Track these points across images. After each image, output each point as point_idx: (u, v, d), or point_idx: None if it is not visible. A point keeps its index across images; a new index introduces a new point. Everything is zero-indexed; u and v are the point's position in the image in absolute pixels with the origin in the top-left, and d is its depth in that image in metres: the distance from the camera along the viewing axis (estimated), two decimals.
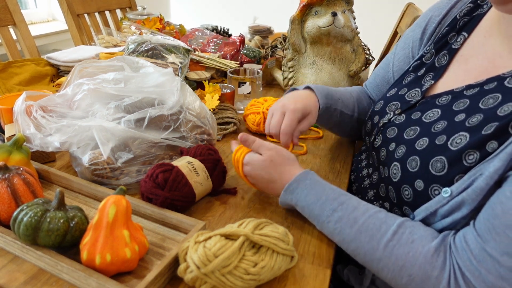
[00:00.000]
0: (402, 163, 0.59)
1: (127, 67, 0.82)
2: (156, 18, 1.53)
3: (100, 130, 0.65)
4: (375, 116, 0.73)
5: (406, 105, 0.67)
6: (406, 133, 0.62)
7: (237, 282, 0.47)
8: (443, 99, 0.61)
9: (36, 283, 0.50)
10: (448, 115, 0.58)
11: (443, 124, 0.57)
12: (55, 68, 1.19)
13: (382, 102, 0.74)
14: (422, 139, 0.58)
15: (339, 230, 0.56)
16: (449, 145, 0.53)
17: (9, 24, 1.34)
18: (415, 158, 0.57)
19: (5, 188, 0.55)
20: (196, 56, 1.20)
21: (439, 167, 0.53)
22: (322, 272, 0.54)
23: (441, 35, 0.70)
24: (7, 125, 0.78)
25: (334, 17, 1.00)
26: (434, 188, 0.54)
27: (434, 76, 0.67)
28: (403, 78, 0.74)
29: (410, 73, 0.73)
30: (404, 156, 0.59)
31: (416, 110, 0.65)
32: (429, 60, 0.70)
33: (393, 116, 0.68)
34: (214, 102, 0.95)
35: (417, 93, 0.67)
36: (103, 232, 0.49)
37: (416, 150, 0.57)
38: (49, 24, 2.38)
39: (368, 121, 0.75)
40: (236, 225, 0.52)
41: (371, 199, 0.69)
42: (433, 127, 0.58)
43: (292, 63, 1.13)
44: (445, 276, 0.49)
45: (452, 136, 0.54)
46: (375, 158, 0.70)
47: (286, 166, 0.64)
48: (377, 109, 0.74)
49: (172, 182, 0.61)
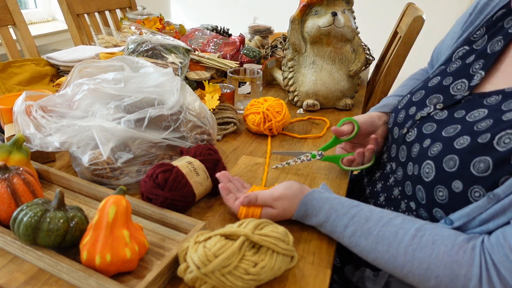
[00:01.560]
0: (437, 161, 0.54)
1: (127, 67, 0.82)
2: (156, 18, 1.53)
3: (100, 130, 0.65)
4: (411, 106, 0.66)
5: (450, 101, 0.61)
6: (445, 131, 0.57)
7: (237, 282, 0.47)
8: (492, 99, 0.56)
9: (36, 283, 0.50)
10: (495, 115, 0.53)
11: (488, 123, 0.52)
12: (55, 68, 1.19)
13: (422, 92, 0.67)
14: (463, 137, 0.53)
15: (355, 244, 0.55)
16: (495, 145, 0.49)
17: (9, 24, 1.34)
18: (453, 157, 0.52)
19: (5, 188, 0.54)
20: (196, 56, 1.20)
21: (482, 167, 0.49)
22: (322, 272, 0.54)
23: (496, 18, 0.63)
24: (7, 125, 0.78)
25: (334, 17, 1.00)
26: (475, 190, 0.50)
27: (485, 64, 0.60)
28: (448, 64, 0.67)
29: (456, 60, 0.66)
30: (440, 154, 0.55)
31: (460, 108, 0.59)
32: (479, 46, 0.63)
33: (433, 110, 0.62)
34: (214, 102, 0.95)
35: (464, 86, 0.61)
36: (103, 232, 0.49)
37: (455, 148, 0.53)
38: (49, 24, 2.38)
39: (401, 110, 0.69)
40: (236, 225, 0.52)
41: (397, 198, 0.66)
42: (476, 125, 0.53)
43: (292, 63, 1.13)
44: (474, 273, 0.47)
45: (498, 135, 0.49)
46: (404, 152, 0.64)
47: (296, 199, 0.61)
48: (415, 99, 0.67)
49: (172, 182, 0.61)
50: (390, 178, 0.69)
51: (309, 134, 0.96)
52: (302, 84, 1.11)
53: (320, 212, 0.58)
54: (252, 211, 0.60)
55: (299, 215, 0.60)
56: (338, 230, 0.57)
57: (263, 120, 0.91)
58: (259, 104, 0.94)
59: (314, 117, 1.06)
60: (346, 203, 0.58)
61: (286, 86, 1.16)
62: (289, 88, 1.14)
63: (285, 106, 0.94)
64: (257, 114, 0.92)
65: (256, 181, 0.76)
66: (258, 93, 1.09)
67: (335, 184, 0.75)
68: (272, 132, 0.93)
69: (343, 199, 0.59)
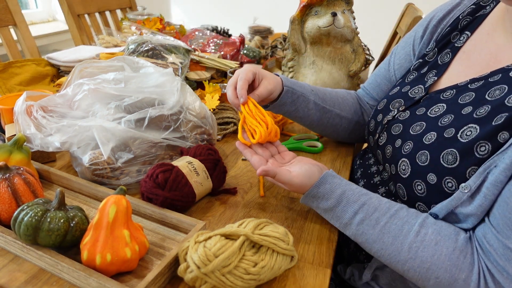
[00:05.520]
0: (411, 158, 0.58)
1: (127, 67, 0.82)
2: (156, 18, 1.53)
3: (100, 130, 0.65)
4: (378, 114, 0.73)
5: (410, 102, 0.67)
6: (412, 129, 0.61)
7: (237, 282, 0.47)
8: (448, 94, 0.61)
9: (37, 283, 0.50)
10: (454, 108, 0.58)
11: (450, 118, 0.57)
12: (55, 68, 1.20)
13: (385, 100, 0.73)
14: (430, 133, 0.58)
15: (362, 232, 0.56)
16: (459, 138, 0.53)
17: (10, 25, 1.34)
18: (425, 152, 0.56)
19: (5, 188, 0.55)
20: (196, 56, 1.20)
21: (450, 159, 0.53)
22: (322, 272, 0.54)
23: (444, 34, 0.71)
24: (7, 125, 0.78)
25: (334, 17, 1.00)
26: (447, 180, 0.53)
27: (437, 73, 0.67)
28: (405, 76, 0.74)
29: (412, 72, 0.73)
30: (412, 151, 0.59)
31: (421, 106, 0.64)
32: (431, 59, 0.71)
33: (397, 113, 0.68)
34: (214, 102, 0.95)
35: (421, 90, 0.67)
36: (104, 232, 0.49)
37: (425, 144, 0.57)
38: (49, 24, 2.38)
39: (371, 120, 0.75)
40: (236, 225, 0.52)
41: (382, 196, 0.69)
42: (439, 121, 0.58)
43: (292, 63, 1.13)
44: (473, 279, 0.49)
45: (461, 129, 0.54)
46: (380, 156, 0.69)
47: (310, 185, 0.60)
48: (380, 107, 0.73)
49: (172, 182, 0.61)
50: (375, 177, 0.73)
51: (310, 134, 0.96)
52: None
53: (331, 197, 0.58)
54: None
55: (308, 197, 0.60)
56: (347, 216, 0.57)
57: None
58: None
59: None
60: (356, 190, 0.59)
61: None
62: None
63: None
64: None
65: (256, 181, 0.76)
66: None
67: None
68: None
69: (353, 186, 0.60)
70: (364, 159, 0.81)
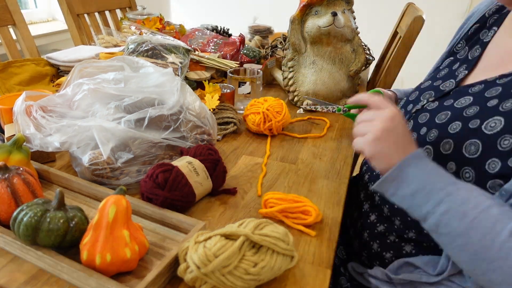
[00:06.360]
0: (435, 146, 0.60)
1: (127, 67, 0.82)
2: (156, 18, 1.53)
3: (100, 130, 0.65)
4: (409, 104, 0.75)
5: (440, 93, 0.69)
6: (438, 118, 0.63)
7: (237, 282, 0.47)
8: (476, 88, 0.63)
9: (36, 283, 0.50)
10: (479, 101, 0.59)
11: (475, 109, 0.58)
12: (55, 68, 1.19)
13: (417, 92, 0.76)
14: (455, 123, 0.59)
15: (446, 223, 0.52)
16: (483, 129, 0.54)
17: (9, 24, 1.34)
18: (449, 141, 0.58)
19: (5, 188, 0.54)
20: (196, 56, 1.20)
21: (473, 150, 0.54)
22: (322, 272, 0.54)
23: (472, 31, 0.75)
24: (7, 125, 0.78)
25: (334, 17, 1.00)
26: (465, 170, 0.55)
27: (467, 67, 0.69)
28: (438, 72, 0.77)
29: (444, 69, 0.76)
30: (437, 139, 0.60)
31: (449, 98, 0.66)
32: (462, 56, 0.74)
33: (426, 103, 0.70)
34: (214, 102, 0.95)
35: (451, 83, 0.69)
36: (103, 232, 0.49)
37: (449, 133, 0.59)
38: (49, 24, 2.38)
39: (401, 109, 0.77)
40: (236, 225, 0.52)
41: None
42: (464, 111, 0.59)
43: (292, 63, 1.13)
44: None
45: (486, 120, 0.55)
46: None
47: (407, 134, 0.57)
48: (411, 98, 0.76)
49: (172, 182, 0.61)
50: None
51: (309, 134, 0.96)
52: (302, 84, 1.11)
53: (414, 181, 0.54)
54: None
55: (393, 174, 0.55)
56: (430, 204, 0.53)
57: (263, 120, 0.91)
58: (259, 104, 0.94)
59: (314, 117, 1.06)
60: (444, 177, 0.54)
61: (286, 86, 1.16)
62: (289, 88, 1.14)
63: (285, 106, 0.94)
64: (257, 114, 0.92)
65: (256, 181, 0.76)
66: (258, 93, 1.09)
67: (334, 184, 0.75)
68: (272, 132, 0.93)
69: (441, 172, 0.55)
70: None
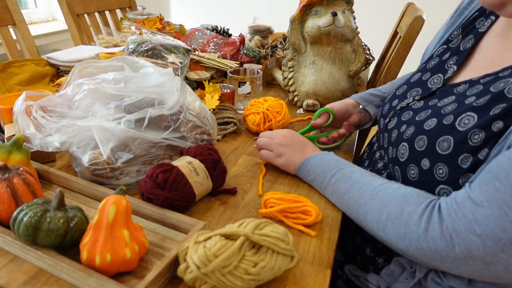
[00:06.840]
0: (410, 142, 0.60)
1: (127, 67, 0.82)
2: (156, 18, 1.53)
3: (100, 130, 0.65)
4: (394, 99, 0.74)
5: (427, 92, 0.68)
6: (418, 116, 0.63)
7: (237, 282, 0.47)
8: (461, 88, 0.62)
9: (36, 283, 0.50)
10: (460, 99, 0.59)
11: (452, 106, 0.59)
12: (55, 68, 1.19)
13: (405, 87, 0.75)
14: (431, 119, 0.60)
15: (336, 189, 0.64)
16: (456, 125, 0.55)
17: (9, 24, 1.34)
18: (423, 137, 0.58)
19: (5, 188, 0.54)
20: (196, 56, 1.20)
21: (445, 146, 0.55)
22: (322, 272, 0.54)
23: (470, 19, 0.72)
24: (7, 125, 0.78)
25: (334, 17, 1.00)
26: (439, 167, 0.55)
27: (457, 60, 0.68)
28: (428, 62, 0.75)
29: (434, 58, 0.74)
30: (412, 135, 0.61)
31: (435, 97, 0.66)
32: (455, 45, 0.71)
33: (412, 101, 0.69)
34: (214, 102, 0.95)
35: (439, 80, 0.68)
36: (103, 232, 0.49)
37: (424, 130, 0.59)
38: (49, 24, 2.38)
39: (386, 103, 0.77)
40: (236, 225, 0.52)
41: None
42: (443, 109, 0.60)
43: (292, 63, 1.13)
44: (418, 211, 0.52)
45: (459, 116, 0.55)
46: (386, 139, 0.71)
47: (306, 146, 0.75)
48: (398, 93, 0.75)
49: (172, 182, 0.61)
50: (379, 163, 0.74)
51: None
52: (302, 84, 1.11)
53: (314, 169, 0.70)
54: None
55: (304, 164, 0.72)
56: (326, 180, 0.67)
57: (263, 120, 0.91)
58: (259, 104, 0.94)
59: None
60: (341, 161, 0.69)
61: (286, 86, 1.16)
62: (289, 88, 1.14)
63: (285, 106, 0.94)
64: (257, 114, 0.92)
65: (255, 181, 0.76)
66: (258, 93, 1.09)
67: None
68: None
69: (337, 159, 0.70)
70: (370, 145, 0.83)
